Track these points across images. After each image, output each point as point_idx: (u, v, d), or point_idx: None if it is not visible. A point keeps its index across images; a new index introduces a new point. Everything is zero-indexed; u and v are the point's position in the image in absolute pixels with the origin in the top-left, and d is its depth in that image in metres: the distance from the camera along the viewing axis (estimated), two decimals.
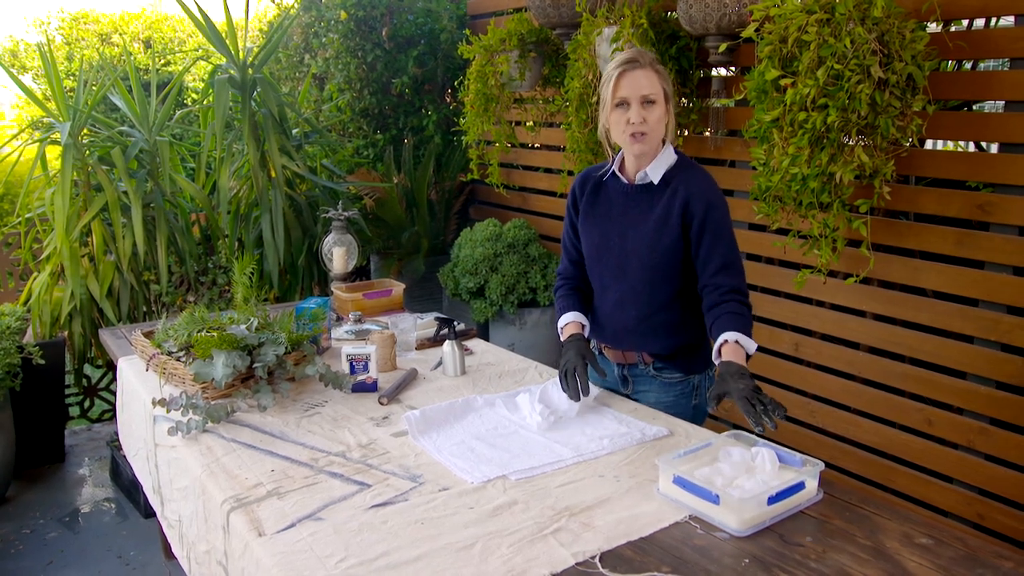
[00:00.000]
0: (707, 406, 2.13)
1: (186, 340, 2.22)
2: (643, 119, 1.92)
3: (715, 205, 1.96)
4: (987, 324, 2.48)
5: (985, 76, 2.48)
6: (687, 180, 1.98)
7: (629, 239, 2.03)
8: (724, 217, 1.97)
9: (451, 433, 1.90)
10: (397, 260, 4.51)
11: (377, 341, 2.33)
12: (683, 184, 1.97)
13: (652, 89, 1.92)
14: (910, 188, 2.64)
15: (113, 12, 8.60)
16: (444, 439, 1.86)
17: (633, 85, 1.92)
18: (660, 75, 1.94)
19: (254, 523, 1.51)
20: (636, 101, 1.92)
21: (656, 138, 1.97)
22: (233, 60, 3.79)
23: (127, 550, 2.99)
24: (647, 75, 1.92)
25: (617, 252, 2.06)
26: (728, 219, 1.98)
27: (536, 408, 1.94)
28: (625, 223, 2.04)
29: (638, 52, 1.96)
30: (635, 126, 1.92)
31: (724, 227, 1.96)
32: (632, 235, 2.02)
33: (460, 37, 4.49)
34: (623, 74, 1.93)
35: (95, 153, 3.67)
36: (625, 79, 1.92)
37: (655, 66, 1.94)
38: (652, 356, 2.10)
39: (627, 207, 2.04)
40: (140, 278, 3.71)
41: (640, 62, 1.93)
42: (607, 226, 2.07)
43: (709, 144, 3.20)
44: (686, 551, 1.40)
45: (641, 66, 1.92)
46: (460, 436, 1.88)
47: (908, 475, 2.75)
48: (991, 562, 1.34)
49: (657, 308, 2.04)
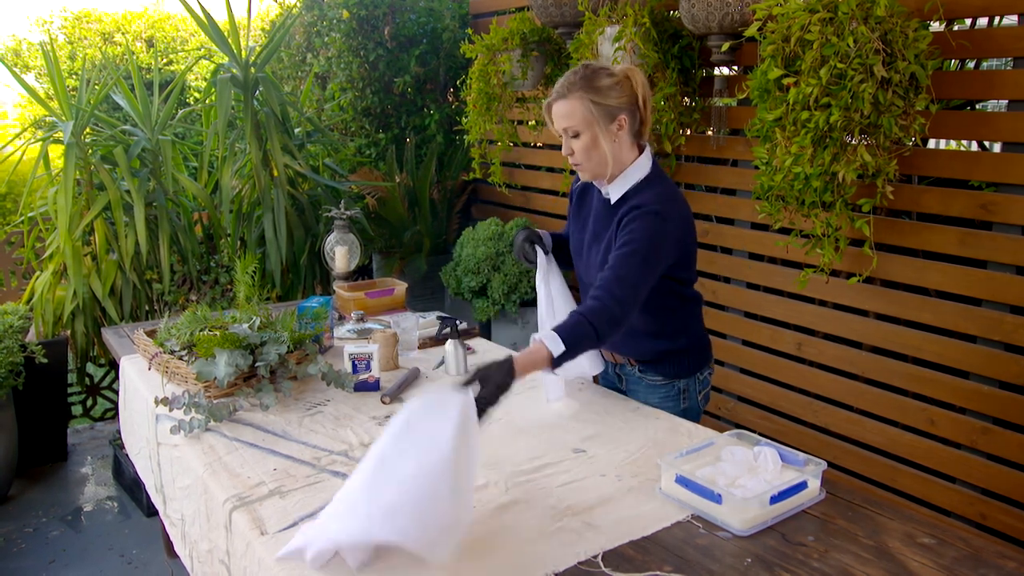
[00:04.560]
0: (699, 408, 2.14)
1: (188, 339, 2.22)
2: (571, 150, 1.90)
3: (640, 213, 1.83)
4: (990, 324, 2.47)
5: (988, 75, 2.47)
6: (638, 197, 1.88)
7: (592, 251, 2.02)
8: (644, 227, 1.81)
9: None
10: (399, 259, 4.51)
11: (379, 340, 2.34)
12: (633, 201, 1.88)
13: (570, 121, 1.86)
14: (913, 187, 2.64)
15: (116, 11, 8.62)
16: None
17: (556, 119, 1.89)
18: (584, 99, 1.83)
19: (256, 522, 1.51)
20: (563, 134, 1.90)
21: (594, 165, 1.90)
22: (235, 59, 3.79)
23: (129, 549, 2.99)
24: (566, 106, 1.85)
25: (584, 261, 2.07)
26: (651, 232, 1.81)
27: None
28: (593, 233, 2.04)
29: (563, 82, 1.87)
30: (570, 159, 1.91)
31: (635, 233, 1.81)
32: (595, 248, 2.01)
33: (462, 36, 4.49)
34: (548, 108, 1.91)
35: (98, 152, 3.67)
36: (551, 114, 1.91)
37: (579, 90, 1.84)
38: (636, 360, 2.11)
39: (597, 218, 2.03)
40: (142, 277, 3.71)
41: (562, 92, 1.86)
42: (583, 232, 2.09)
43: (711, 143, 3.20)
44: (688, 550, 1.40)
45: (562, 96, 1.86)
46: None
47: (911, 475, 2.74)
48: (994, 562, 1.34)
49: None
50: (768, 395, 3.17)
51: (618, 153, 1.90)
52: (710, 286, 3.30)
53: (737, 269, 3.22)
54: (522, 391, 2.17)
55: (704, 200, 3.27)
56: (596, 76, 1.86)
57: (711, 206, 3.26)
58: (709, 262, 3.28)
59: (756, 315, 3.18)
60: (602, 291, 1.77)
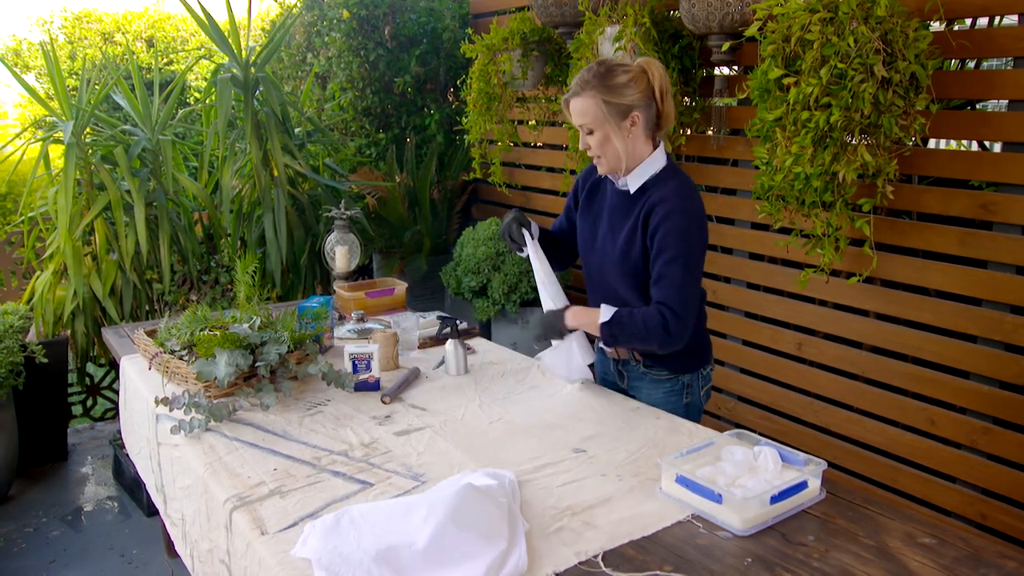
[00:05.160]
0: (701, 403, 2.16)
1: (188, 339, 2.23)
2: (588, 146, 1.96)
3: (671, 215, 1.90)
4: (990, 324, 2.47)
5: (988, 75, 2.47)
6: (659, 190, 1.95)
7: (608, 243, 2.06)
8: (678, 230, 1.90)
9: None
10: (399, 259, 4.51)
11: (379, 340, 2.34)
12: (655, 194, 1.94)
13: (583, 119, 1.92)
14: (913, 187, 2.64)
15: (116, 11, 8.61)
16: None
17: (572, 115, 1.96)
18: (597, 98, 1.88)
19: (256, 522, 1.51)
20: (580, 130, 1.96)
21: (612, 158, 1.95)
22: (236, 59, 3.79)
23: (129, 548, 2.99)
24: (580, 103, 1.92)
25: (599, 253, 2.09)
26: (685, 233, 1.91)
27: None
28: (609, 226, 2.07)
29: (579, 79, 1.92)
30: (588, 152, 1.98)
31: (672, 239, 1.90)
32: (611, 240, 2.05)
33: (462, 36, 4.49)
34: (565, 104, 1.97)
35: (98, 152, 3.67)
36: (568, 110, 1.97)
37: (592, 89, 1.89)
38: (642, 355, 2.11)
39: (614, 210, 2.06)
40: (143, 277, 3.71)
41: (576, 90, 1.92)
42: (596, 224, 2.11)
43: (712, 143, 3.20)
44: (688, 550, 1.40)
45: (576, 94, 1.93)
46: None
47: (911, 475, 2.74)
48: (994, 562, 1.34)
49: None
50: (768, 395, 3.17)
51: (631, 149, 1.95)
52: (710, 286, 3.30)
53: (737, 269, 3.22)
54: (523, 391, 2.18)
55: (704, 200, 3.24)
56: (610, 74, 1.90)
57: (711, 206, 3.26)
58: (709, 262, 3.28)
59: (756, 315, 3.18)
60: (657, 290, 1.93)
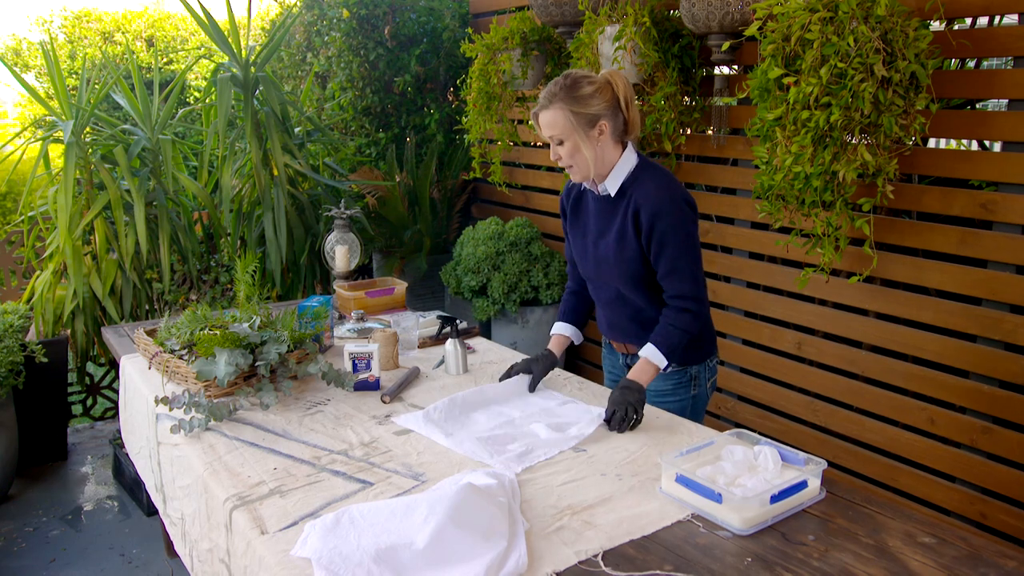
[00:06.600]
0: (707, 395, 2.20)
1: (188, 338, 2.23)
2: (559, 156, 1.99)
3: (661, 213, 1.95)
4: (990, 323, 2.47)
5: (988, 75, 2.47)
6: (639, 188, 1.99)
7: (600, 248, 2.09)
8: (672, 222, 1.95)
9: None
10: (399, 258, 4.51)
11: (379, 339, 2.34)
12: (636, 193, 1.99)
13: (553, 130, 1.96)
14: (913, 187, 2.64)
15: (116, 10, 8.60)
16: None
17: (541, 127, 1.99)
18: (565, 109, 1.92)
19: (256, 521, 1.51)
20: (551, 140, 1.99)
21: (583, 167, 1.99)
22: (236, 58, 3.79)
23: (129, 548, 2.99)
24: (549, 116, 1.95)
25: (593, 259, 2.13)
26: (679, 222, 1.96)
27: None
28: (597, 232, 2.10)
29: (546, 92, 1.96)
30: (559, 163, 2.01)
31: (670, 233, 1.95)
32: (602, 244, 2.09)
33: (462, 35, 4.49)
34: (535, 118, 2.01)
35: (98, 151, 3.67)
36: (538, 123, 2.00)
37: (560, 101, 1.93)
38: None
39: (599, 216, 2.10)
40: (142, 276, 3.71)
41: (544, 103, 1.96)
42: (585, 234, 2.15)
43: (712, 143, 3.20)
44: (688, 550, 1.40)
45: (544, 107, 1.97)
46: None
47: (911, 474, 2.74)
48: (994, 561, 1.34)
49: (643, 307, 2.10)
50: (768, 394, 3.18)
51: (601, 155, 2.00)
52: (710, 285, 3.30)
53: (737, 268, 3.22)
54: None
55: (704, 199, 3.27)
56: (576, 85, 1.94)
57: (711, 205, 3.26)
58: (709, 261, 3.28)
59: (756, 314, 3.18)
60: (670, 283, 1.99)
